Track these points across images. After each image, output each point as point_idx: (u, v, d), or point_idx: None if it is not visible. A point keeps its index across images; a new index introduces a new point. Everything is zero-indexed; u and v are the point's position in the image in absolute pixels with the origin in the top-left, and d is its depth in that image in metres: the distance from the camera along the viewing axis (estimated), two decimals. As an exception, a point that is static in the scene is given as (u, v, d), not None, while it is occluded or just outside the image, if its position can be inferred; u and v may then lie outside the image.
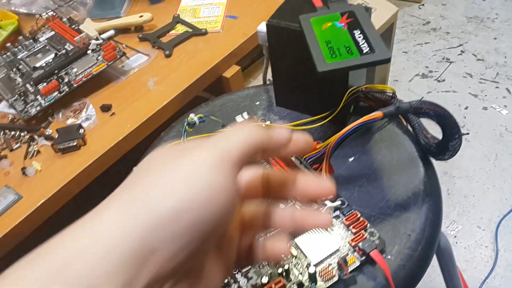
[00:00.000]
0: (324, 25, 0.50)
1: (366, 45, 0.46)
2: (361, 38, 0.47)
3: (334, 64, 0.45)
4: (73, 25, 0.84)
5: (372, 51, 0.45)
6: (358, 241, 0.45)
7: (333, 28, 0.49)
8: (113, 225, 0.22)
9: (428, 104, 0.47)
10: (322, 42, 0.48)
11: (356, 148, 0.57)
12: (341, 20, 0.50)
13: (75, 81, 0.72)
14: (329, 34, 0.48)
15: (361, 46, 0.46)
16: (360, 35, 0.47)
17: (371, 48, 0.46)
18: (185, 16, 0.87)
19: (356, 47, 0.46)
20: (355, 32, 0.48)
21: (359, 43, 0.46)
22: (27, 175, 0.64)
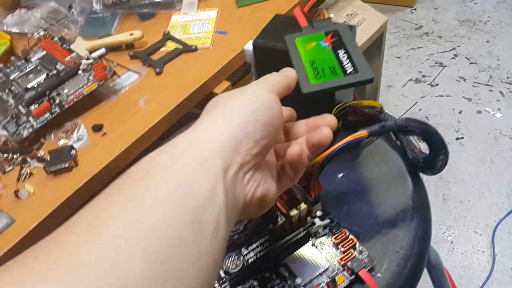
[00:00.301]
0: (308, 45, 0.50)
1: (350, 65, 0.46)
2: (345, 58, 0.47)
3: (318, 85, 0.46)
4: (64, 44, 0.84)
5: (356, 71, 0.46)
6: (347, 260, 0.45)
7: (318, 48, 0.49)
8: (212, 127, 0.33)
9: (413, 121, 0.47)
10: (307, 63, 0.48)
11: (344, 163, 0.57)
12: (325, 40, 0.50)
13: (66, 101, 0.72)
14: (313, 54, 0.49)
15: (345, 66, 0.47)
16: (344, 55, 0.48)
17: (355, 68, 0.46)
18: (175, 32, 0.88)
19: (340, 67, 0.47)
20: (339, 52, 0.48)
21: (343, 63, 0.47)
22: (20, 198, 0.64)
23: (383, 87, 1.77)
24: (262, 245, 0.48)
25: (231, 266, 0.45)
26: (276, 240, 0.48)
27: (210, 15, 0.91)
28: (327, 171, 0.55)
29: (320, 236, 0.49)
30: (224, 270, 0.45)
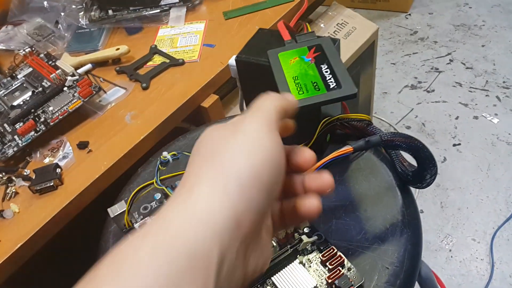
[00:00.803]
0: (291, 60, 0.49)
1: (333, 80, 0.45)
2: (328, 72, 0.46)
3: (301, 101, 0.45)
4: (50, 61, 0.83)
5: (339, 86, 0.45)
6: (335, 278, 0.44)
7: (301, 63, 0.49)
8: (209, 200, 0.26)
9: (399, 136, 0.46)
10: (289, 78, 0.47)
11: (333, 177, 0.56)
12: (308, 54, 0.49)
13: (51, 119, 0.71)
14: (296, 69, 0.48)
15: (328, 81, 0.46)
16: (327, 70, 0.47)
17: (338, 83, 0.45)
18: (163, 46, 0.87)
19: (323, 82, 0.46)
20: (322, 67, 0.47)
21: (326, 78, 0.46)
22: (5, 218, 0.63)
23: (379, 94, 1.76)
24: (247, 265, 0.47)
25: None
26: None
27: (197, 28, 0.90)
28: (314, 186, 0.54)
29: (308, 253, 0.47)
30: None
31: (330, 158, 0.45)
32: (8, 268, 0.59)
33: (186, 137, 0.66)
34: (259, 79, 0.55)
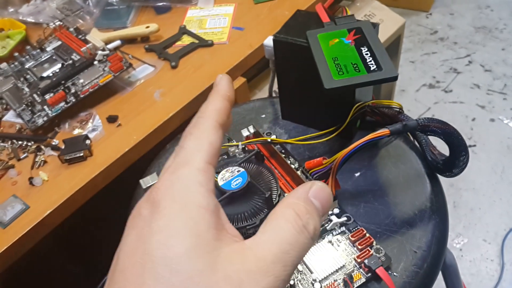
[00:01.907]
0: (331, 41, 0.50)
1: (373, 62, 0.46)
2: (368, 55, 0.47)
3: (341, 81, 0.45)
4: (80, 35, 0.84)
5: (380, 68, 0.45)
6: (364, 258, 0.45)
7: (340, 45, 0.49)
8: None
9: (435, 121, 0.46)
10: (329, 59, 0.48)
11: (362, 163, 0.56)
12: (348, 37, 0.50)
13: (81, 92, 0.72)
14: (336, 50, 0.48)
15: (368, 63, 0.46)
16: (367, 52, 0.47)
17: (378, 65, 0.45)
18: (191, 27, 0.88)
19: (363, 64, 0.46)
20: (362, 49, 0.48)
21: (366, 60, 0.46)
22: (34, 185, 0.64)
23: (397, 91, 1.75)
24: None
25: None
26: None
27: (226, 11, 0.90)
28: (344, 170, 0.55)
29: (337, 234, 0.48)
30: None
31: (367, 139, 0.45)
32: (39, 233, 0.60)
33: (215, 116, 0.67)
34: (295, 60, 0.56)
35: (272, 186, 0.50)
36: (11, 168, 0.67)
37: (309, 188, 0.25)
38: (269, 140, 0.56)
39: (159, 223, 0.22)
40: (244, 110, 0.66)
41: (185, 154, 0.25)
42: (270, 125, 0.64)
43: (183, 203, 0.22)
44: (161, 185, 0.24)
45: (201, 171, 0.24)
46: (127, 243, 0.22)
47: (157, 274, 0.20)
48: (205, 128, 0.26)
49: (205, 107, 0.28)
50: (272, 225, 0.23)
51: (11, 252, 0.57)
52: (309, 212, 0.24)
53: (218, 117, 0.27)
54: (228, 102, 0.29)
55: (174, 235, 0.21)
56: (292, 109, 0.63)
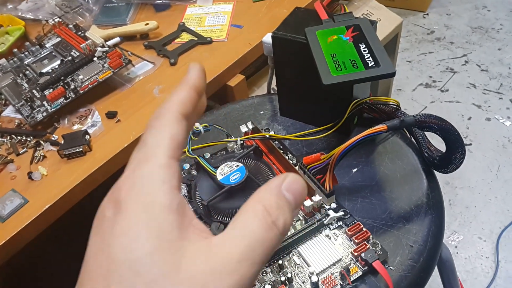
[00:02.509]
0: (329, 38, 0.50)
1: (371, 58, 0.47)
2: (367, 51, 0.47)
3: (339, 77, 0.46)
4: (79, 32, 0.84)
5: (378, 65, 0.46)
6: (361, 251, 0.45)
7: (339, 41, 0.50)
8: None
9: (432, 117, 0.47)
10: (327, 55, 0.48)
11: (359, 159, 0.57)
12: (346, 33, 0.50)
13: (81, 87, 0.73)
14: (334, 47, 0.49)
15: (367, 59, 0.47)
16: (365, 49, 0.48)
17: (376, 62, 0.46)
18: (191, 24, 0.88)
19: (361, 60, 0.47)
20: (361, 46, 0.48)
21: (364, 57, 0.47)
22: (33, 180, 0.65)
23: (393, 90, 1.76)
24: (276, 234, 0.48)
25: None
26: (290, 229, 0.48)
27: (225, 8, 0.91)
28: (341, 165, 0.56)
29: (334, 228, 0.49)
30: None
31: (364, 135, 0.46)
32: (38, 227, 0.60)
33: (213, 113, 0.67)
34: (294, 57, 0.56)
35: (270, 180, 0.51)
36: (10, 162, 0.67)
37: (282, 180, 0.24)
38: (267, 136, 0.57)
39: (122, 225, 0.21)
40: (243, 107, 0.67)
41: (146, 150, 0.24)
42: (268, 121, 0.65)
43: (146, 203, 0.22)
44: (123, 183, 0.23)
45: (163, 167, 0.23)
46: (92, 246, 0.22)
47: (121, 277, 0.20)
48: (167, 120, 0.25)
49: (169, 97, 0.26)
50: (241, 220, 0.22)
51: (9, 246, 0.58)
52: (280, 207, 0.23)
53: (182, 107, 0.25)
54: (195, 92, 0.27)
55: (137, 238, 0.21)
56: (290, 106, 0.63)
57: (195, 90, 0.27)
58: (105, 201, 0.23)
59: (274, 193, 0.23)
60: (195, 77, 0.27)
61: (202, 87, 0.28)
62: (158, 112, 0.26)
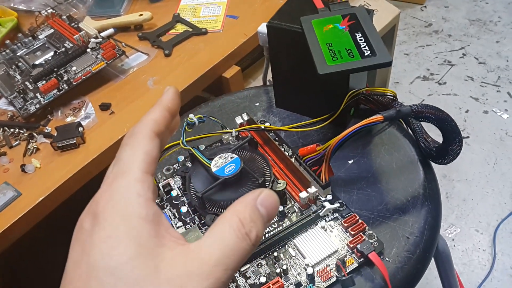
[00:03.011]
0: (325, 27, 0.49)
1: (367, 48, 0.46)
2: (363, 41, 0.47)
3: (335, 66, 0.45)
4: (73, 23, 0.83)
5: (374, 54, 0.45)
6: (357, 243, 0.45)
7: (335, 30, 0.49)
8: None
9: (429, 108, 0.46)
10: (323, 44, 0.47)
11: (356, 150, 0.56)
12: (342, 23, 0.49)
13: (74, 79, 0.72)
14: (330, 36, 0.48)
15: (363, 49, 0.46)
16: (361, 38, 0.47)
17: (372, 51, 0.45)
18: (185, 15, 0.87)
19: (357, 49, 0.46)
20: (357, 35, 0.48)
21: (360, 46, 0.46)
22: (27, 172, 0.64)
23: (391, 83, 1.75)
24: (271, 225, 0.48)
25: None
26: (284, 221, 0.48)
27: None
28: (337, 157, 0.55)
29: (330, 220, 0.48)
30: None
31: (361, 125, 0.46)
32: (31, 220, 0.60)
33: (208, 105, 0.67)
34: (289, 47, 0.56)
35: (265, 172, 0.50)
36: (3, 155, 0.67)
37: (257, 195, 0.25)
38: (263, 128, 0.56)
39: (100, 234, 0.22)
40: (238, 98, 0.66)
41: (122, 165, 0.26)
42: (264, 113, 0.64)
43: (123, 215, 0.23)
44: (100, 197, 0.24)
45: (138, 181, 0.24)
46: (72, 257, 0.23)
47: (102, 282, 0.21)
48: (141, 138, 0.27)
49: (143, 117, 0.28)
50: (217, 230, 0.24)
51: (2, 238, 0.57)
52: (253, 220, 0.24)
53: (155, 126, 0.27)
54: (167, 113, 0.29)
55: (117, 245, 0.22)
56: (286, 97, 0.63)
57: (168, 111, 0.29)
58: (83, 215, 0.24)
59: (249, 207, 0.25)
60: (169, 99, 0.30)
61: (175, 109, 0.30)
62: (132, 131, 0.28)
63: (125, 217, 0.23)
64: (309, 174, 0.50)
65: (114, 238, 0.22)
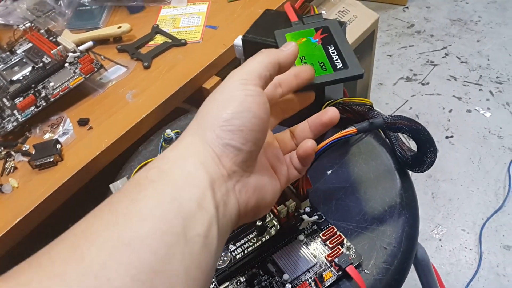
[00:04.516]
0: (298, 41, 0.50)
1: (339, 61, 0.46)
2: (335, 54, 0.47)
3: None
4: (51, 37, 0.83)
5: (346, 67, 0.45)
6: (334, 256, 0.45)
7: (308, 44, 0.49)
8: (192, 142, 0.32)
9: (401, 119, 0.47)
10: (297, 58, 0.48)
11: (334, 160, 0.57)
12: (315, 36, 0.50)
13: (52, 95, 0.71)
14: (303, 49, 0.48)
15: (335, 61, 0.46)
16: (333, 51, 0.47)
17: (344, 64, 0.46)
18: (165, 26, 0.87)
19: (329, 63, 0.46)
20: (329, 48, 0.48)
21: (333, 59, 0.46)
22: (4, 192, 0.63)
23: (374, 85, 1.77)
24: (250, 241, 0.48)
25: (218, 262, 0.45)
26: (263, 236, 0.48)
27: (200, 9, 0.90)
28: (315, 168, 0.55)
29: (308, 233, 0.48)
30: (210, 266, 0.44)
31: (334, 138, 0.46)
32: (7, 242, 0.59)
33: (188, 117, 0.66)
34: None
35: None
36: (-20, 175, 0.66)
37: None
38: None
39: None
40: (217, 110, 0.66)
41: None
42: (242, 124, 0.64)
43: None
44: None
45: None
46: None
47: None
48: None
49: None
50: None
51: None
52: None
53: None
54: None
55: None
56: (264, 108, 0.63)
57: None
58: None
59: None
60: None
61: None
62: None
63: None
64: (287, 187, 0.50)
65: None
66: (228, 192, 0.32)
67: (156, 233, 0.26)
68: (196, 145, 0.32)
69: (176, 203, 0.28)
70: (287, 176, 0.40)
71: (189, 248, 0.27)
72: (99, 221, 0.26)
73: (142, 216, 0.26)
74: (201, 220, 0.28)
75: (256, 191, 0.35)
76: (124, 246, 0.25)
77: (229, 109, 0.32)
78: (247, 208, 0.34)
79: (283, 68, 0.38)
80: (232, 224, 0.33)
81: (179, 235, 0.26)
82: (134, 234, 0.25)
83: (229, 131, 0.32)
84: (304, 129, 0.43)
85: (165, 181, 0.29)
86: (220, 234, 0.30)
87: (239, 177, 0.33)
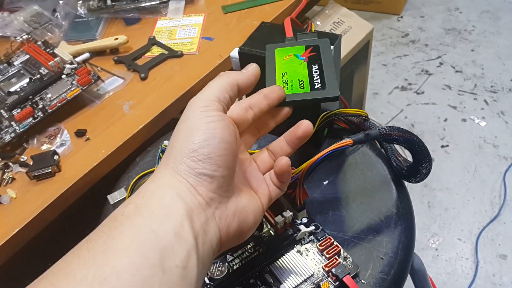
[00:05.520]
0: (286, 57, 0.50)
1: (319, 81, 0.46)
2: (317, 73, 0.47)
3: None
4: (48, 49, 0.83)
5: (323, 87, 0.46)
6: (332, 266, 0.45)
7: (293, 61, 0.49)
8: (166, 175, 0.33)
9: (397, 130, 0.47)
10: (279, 73, 0.48)
11: (330, 171, 0.57)
12: (304, 53, 0.50)
13: (49, 106, 0.71)
14: (288, 66, 0.49)
15: (314, 81, 0.46)
16: (316, 70, 0.47)
17: (323, 84, 0.46)
18: (161, 37, 0.88)
19: (309, 81, 0.46)
20: (313, 67, 0.48)
21: (313, 78, 0.47)
22: (2, 203, 0.63)
23: (370, 94, 1.78)
24: (247, 252, 0.48)
25: (215, 273, 0.45)
26: (261, 246, 0.48)
27: (196, 21, 0.90)
28: (312, 178, 0.56)
29: (305, 243, 0.49)
30: (209, 276, 0.45)
31: (330, 150, 0.46)
32: (5, 253, 0.59)
33: (185, 128, 0.67)
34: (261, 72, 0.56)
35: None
36: (-23, 186, 0.66)
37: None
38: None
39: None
40: (214, 121, 0.66)
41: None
42: (239, 135, 0.64)
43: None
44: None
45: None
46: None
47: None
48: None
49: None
50: None
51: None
52: None
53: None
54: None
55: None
56: (261, 119, 0.63)
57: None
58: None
59: None
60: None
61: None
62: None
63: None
64: (284, 198, 0.51)
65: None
66: (207, 220, 0.33)
67: (132, 267, 0.26)
68: (170, 177, 0.33)
69: (153, 235, 0.28)
70: (269, 194, 0.41)
71: (166, 279, 0.27)
72: (76, 260, 0.27)
73: (118, 251, 0.27)
74: (179, 250, 0.29)
75: (237, 213, 0.35)
76: (101, 283, 0.25)
77: (195, 139, 0.33)
78: (229, 233, 0.34)
79: (243, 89, 0.39)
80: (214, 252, 0.33)
81: (155, 267, 0.27)
82: (111, 269, 0.26)
83: (199, 160, 0.33)
84: (281, 145, 0.44)
85: (142, 215, 0.30)
86: (200, 263, 0.30)
87: (218, 203, 0.34)
